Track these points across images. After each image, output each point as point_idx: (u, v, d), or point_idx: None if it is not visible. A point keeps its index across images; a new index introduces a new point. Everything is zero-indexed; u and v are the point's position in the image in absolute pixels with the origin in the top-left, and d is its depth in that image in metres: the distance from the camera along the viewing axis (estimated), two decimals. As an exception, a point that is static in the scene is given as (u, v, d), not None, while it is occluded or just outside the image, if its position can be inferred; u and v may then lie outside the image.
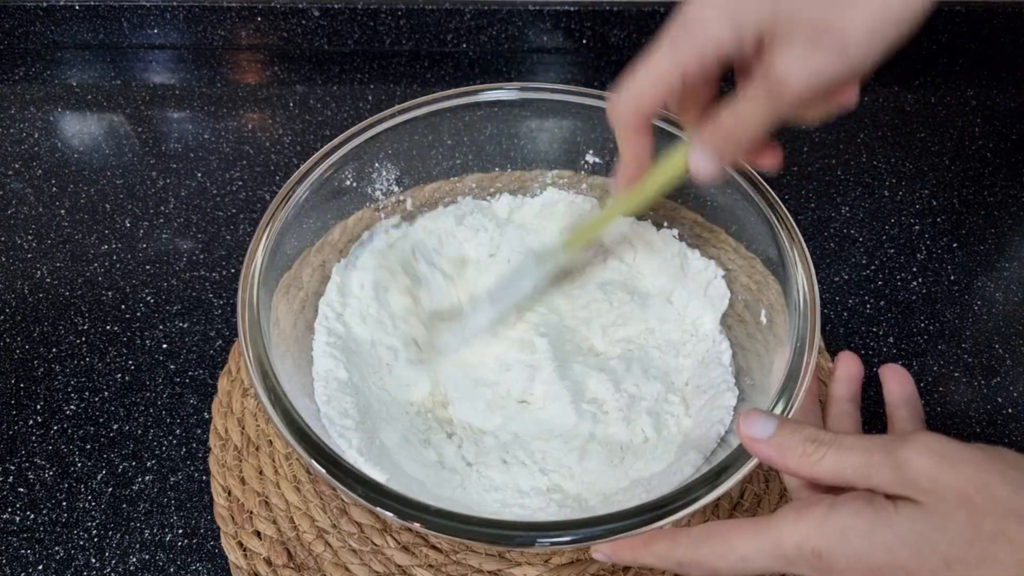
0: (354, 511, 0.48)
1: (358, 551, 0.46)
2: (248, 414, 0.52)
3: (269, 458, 0.50)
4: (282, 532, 0.47)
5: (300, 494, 0.48)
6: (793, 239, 0.44)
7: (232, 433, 0.51)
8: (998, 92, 0.79)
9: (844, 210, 0.68)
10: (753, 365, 0.47)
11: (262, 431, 0.51)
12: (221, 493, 0.49)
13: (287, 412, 0.39)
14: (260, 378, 0.40)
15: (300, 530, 0.47)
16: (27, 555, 0.48)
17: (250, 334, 0.41)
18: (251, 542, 0.47)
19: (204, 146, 0.72)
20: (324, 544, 0.47)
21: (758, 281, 0.49)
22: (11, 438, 0.53)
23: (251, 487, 0.49)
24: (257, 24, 0.79)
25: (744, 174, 0.47)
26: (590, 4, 0.78)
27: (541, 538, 0.34)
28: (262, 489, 0.49)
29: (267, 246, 0.44)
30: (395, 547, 0.46)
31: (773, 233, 0.45)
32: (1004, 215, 0.68)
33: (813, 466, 0.30)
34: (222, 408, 0.53)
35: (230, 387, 0.53)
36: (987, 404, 0.56)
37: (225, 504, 0.49)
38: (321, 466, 0.37)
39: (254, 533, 0.47)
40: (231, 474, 0.50)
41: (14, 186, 0.68)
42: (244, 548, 0.47)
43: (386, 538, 0.47)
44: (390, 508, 0.35)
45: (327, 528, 0.47)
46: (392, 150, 0.51)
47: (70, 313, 0.59)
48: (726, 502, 0.49)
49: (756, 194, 0.46)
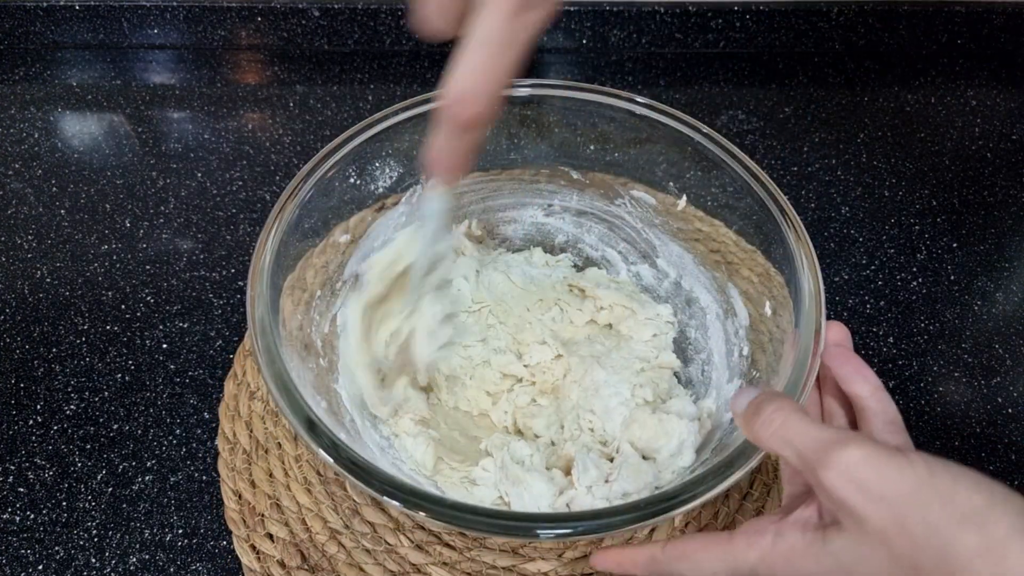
0: (366, 511, 0.48)
1: (372, 551, 0.46)
2: (256, 417, 0.52)
3: (279, 460, 0.50)
4: (294, 534, 0.47)
5: (311, 495, 0.48)
6: (795, 231, 0.44)
7: (240, 436, 0.51)
8: (998, 92, 0.79)
9: (844, 210, 0.68)
10: (759, 356, 0.47)
11: (271, 434, 0.51)
12: (231, 497, 0.49)
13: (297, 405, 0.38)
14: (270, 372, 0.39)
15: (313, 531, 0.47)
16: (27, 555, 0.48)
17: (260, 327, 0.40)
18: (264, 545, 0.47)
19: (204, 146, 0.72)
20: (337, 545, 0.47)
21: (760, 274, 0.49)
22: (11, 438, 0.53)
23: (262, 490, 0.49)
24: (257, 24, 0.79)
25: (744, 166, 0.47)
26: (590, 4, 0.78)
27: (543, 529, 0.34)
28: (273, 492, 0.49)
29: (273, 243, 0.44)
30: (409, 546, 0.46)
31: (774, 224, 0.45)
32: (1004, 215, 0.68)
33: (765, 440, 0.32)
34: (229, 412, 0.52)
35: (236, 391, 0.53)
36: (987, 404, 0.56)
37: (236, 508, 0.48)
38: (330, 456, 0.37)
39: (266, 536, 0.47)
40: (241, 477, 0.49)
41: (14, 186, 0.68)
42: (257, 551, 0.47)
43: (399, 537, 0.47)
44: (397, 498, 0.35)
45: (340, 529, 0.47)
46: (394, 148, 0.51)
47: (70, 313, 0.59)
48: (736, 493, 0.49)
49: (758, 186, 0.46)
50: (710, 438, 0.46)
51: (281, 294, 0.45)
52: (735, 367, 0.49)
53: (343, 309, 0.50)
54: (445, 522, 0.35)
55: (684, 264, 0.54)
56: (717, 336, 0.51)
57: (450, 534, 0.47)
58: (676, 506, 0.35)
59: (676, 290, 0.55)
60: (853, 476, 0.28)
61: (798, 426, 0.31)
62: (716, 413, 0.48)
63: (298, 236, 0.47)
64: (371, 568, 0.46)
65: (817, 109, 0.76)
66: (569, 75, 0.80)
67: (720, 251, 0.52)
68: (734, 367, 0.49)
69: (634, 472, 0.44)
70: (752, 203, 0.47)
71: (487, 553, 0.46)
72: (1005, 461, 0.53)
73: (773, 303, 0.47)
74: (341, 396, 0.48)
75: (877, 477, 0.27)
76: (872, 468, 0.27)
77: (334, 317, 0.51)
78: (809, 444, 0.30)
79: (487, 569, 0.46)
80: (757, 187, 0.47)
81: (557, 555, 0.46)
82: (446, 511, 0.35)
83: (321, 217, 0.49)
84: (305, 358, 0.46)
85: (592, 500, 0.44)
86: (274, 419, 0.52)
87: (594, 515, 0.35)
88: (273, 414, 0.52)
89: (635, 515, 0.35)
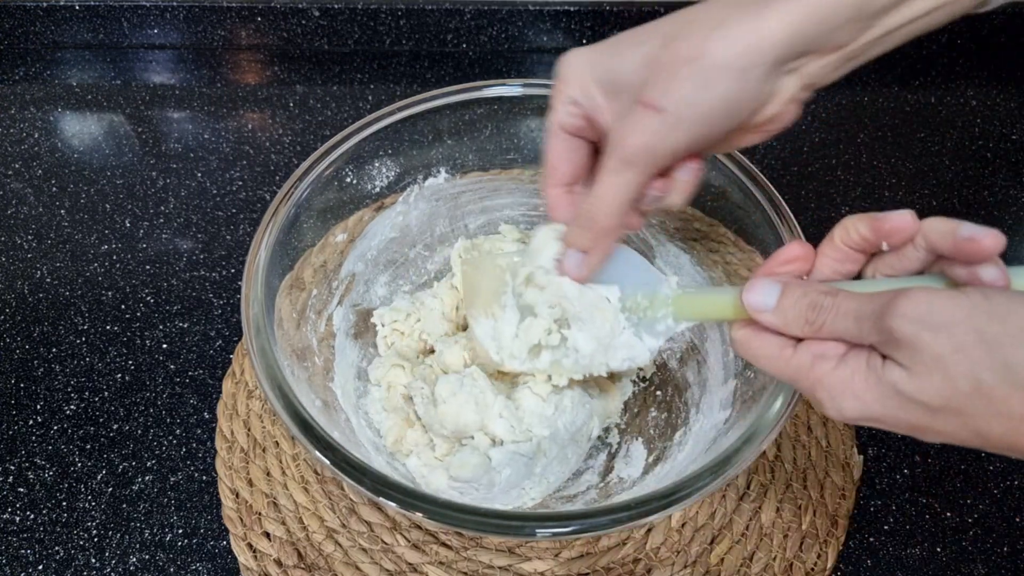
0: (363, 510, 0.48)
1: (368, 550, 0.46)
2: (254, 416, 0.52)
3: (276, 459, 0.50)
4: (291, 533, 0.47)
5: (309, 494, 0.48)
6: (791, 230, 0.44)
7: (238, 435, 0.51)
8: (998, 92, 0.79)
9: (844, 210, 0.68)
10: None
11: (268, 432, 0.51)
12: (229, 495, 0.49)
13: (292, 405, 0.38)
14: (265, 372, 0.39)
15: (310, 530, 0.47)
16: (27, 555, 0.48)
17: (254, 328, 0.40)
18: (261, 543, 0.47)
19: (204, 146, 0.72)
20: (334, 544, 0.47)
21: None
22: (11, 438, 0.53)
23: (259, 488, 0.49)
24: (257, 24, 0.79)
25: (743, 168, 0.47)
26: (590, 4, 0.78)
27: (541, 528, 0.34)
28: (270, 490, 0.49)
29: (268, 243, 0.44)
30: (405, 545, 0.46)
31: (771, 224, 0.45)
32: (1004, 215, 0.68)
33: (816, 333, 0.32)
34: (227, 411, 0.53)
35: (235, 389, 0.53)
36: (987, 404, 0.56)
37: (233, 506, 0.48)
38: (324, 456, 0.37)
39: (263, 534, 0.47)
40: (238, 476, 0.49)
41: (14, 186, 0.68)
42: (254, 549, 0.47)
43: (396, 536, 0.47)
44: (393, 498, 0.35)
45: (337, 528, 0.47)
46: (391, 148, 0.51)
47: (70, 313, 0.59)
48: (733, 492, 0.49)
49: (755, 188, 0.46)
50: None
51: (278, 294, 0.45)
52: (730, 367, 0.49)
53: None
54: (440, 522, 0.35)
55: (681, 264, 0.54)
56: (713, 336, 0.51)
57: (447, 533, 0.47)
58: (672, 503, 0.35)
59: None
60: (917, 314, 0.28)
61: (850, 302, 0.31)
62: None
63: (294, 236, 0.47)
64: (367, 567, 0.46)
65: (817, 109, 0.76)
66: (569, 75, 0.80)
67: (719, 251, 0.52)
68: (729, 367, 0.49)
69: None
70: (749, 203, 0.47)
71: (484, 552, 0.46)
72: (1005, 461, 0.53)
73: None
74: (336, 395, 0.48)
75: (930, 309, 0.28)
76: (926, 304, 0.28)
77: (330, 316, 0.51)
78: (867, 307, 0.30)
79: (484, 568, 0.46)
80: (753, 187, 0.47)
81: (554, 554, 0.46)
82: (441, 510, 0.35)
83: (319, 217, 0.49)
84: (301, 357, 0.46)
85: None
86: (272, 418, 0.52)
87: (590, 514, 0.35)
88: (271, 413, 0.52)
89: (631, 513, 0.35)
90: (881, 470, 0.53)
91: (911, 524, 0.50)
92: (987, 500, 0.51)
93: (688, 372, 0.53)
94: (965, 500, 0.51)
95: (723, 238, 0.52)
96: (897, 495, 0.51)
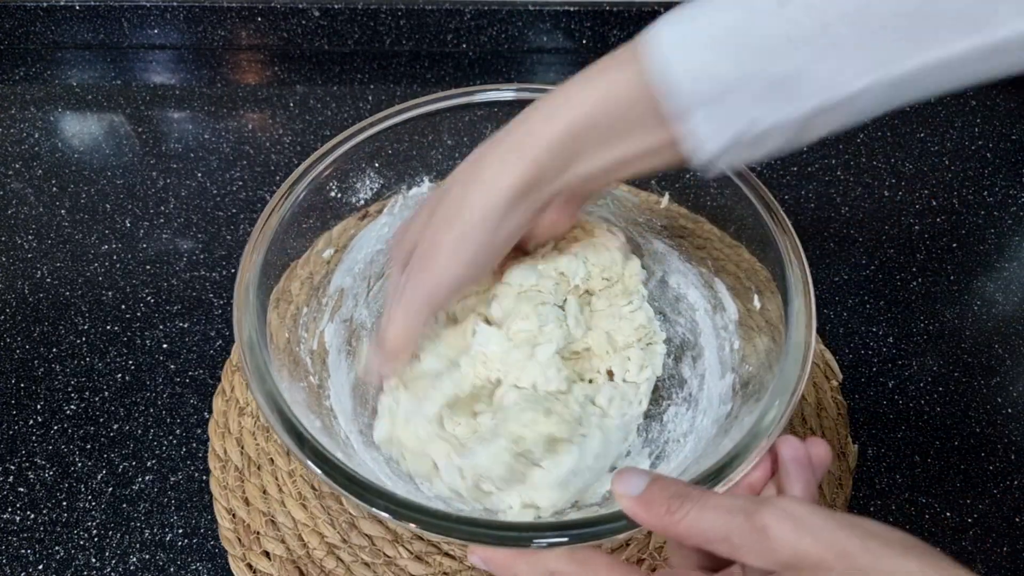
0: (364, 524, 0.47)
1: (371, 564, 0.46)
2: (247, 433, 0.51)
3: (272, 476, 0.49)
4: (291, 551, 0.47)
5: (307, 511, 0.48)
6: (779, 224, 0.44)
7: (232, 454, 0.51)
8: (998, 92, 0.79)
9: (844, 210, 0.68)
10: (749, 351, 0.47)
11: (262, 449, 0.51)
12: (225, 516, 0.48)
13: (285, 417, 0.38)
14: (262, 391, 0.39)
15: (310, 547, 0.47)
16: (27, 555, 0.48)
17: (248, 345, 0.40)
18: (260, 563, 0.46)
19: (204, 146, 0.72)
20: (336, 560, 0.46)
21: (746, 269, 0.49)
22: (11, 438, 0.53)
23: (256, 507, 0.48)
24: (257, 24, 0.79)
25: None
26: (590, 4, 0.78)
27: (537, 538, 0.34)
28: (267, 508, 0.48)
29: (258, 259, 0.43)
30: (408, 557, 0.46)
31: (758, 217, 0.45)
32: (1004, 215, 0.68)
33: (676, 524, 0.30)
34: (219, 429, 0.52)
35: (225, 407, 0.53)
36: (987, 404, 0.56)
37: (230, 527, 0.48)
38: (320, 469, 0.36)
39: (263, 554, 0.47)
40: (234, 495, 0.49)
41: (14, 186, 0.68)
42: (254, 570, 0.46)
43: (398, 549, 0.46)
44: (386, 509, 0.35)
45: (337, 543, 0.47)
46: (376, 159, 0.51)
47: (70, 313, 0.59)
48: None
49: (740, 181, 0.46)
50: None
51: (267, 309, 0.44)
52: (727, 361, 0.49)
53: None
54: (436, 533, 0.34)
55: (669, 261, 0.54)
56: (707, 332, 0.51)
57: (449, 544, 0.47)
58: None
59: (662, 288, 0.55)
60: (791, 512, 0.27)
61: (717, 499, 0.30)
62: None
63: (282, 248, 0.46)
64: (370, 582, 0.45)
65: (817, 109, 0.76)
66: (568, 75, 0.80)
67: (705, 247, 0.52)
68: (725, 361, 0.49)
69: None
70: (735, 198, 0.47)
71: (487, 561, 0.46)
72: (1005, 461, 0.53)
73: (761, 297, 0.47)
74: (335, 412, 0.47)
75: (812, 514, 0.27)
76: (806, 508, 0.28)
77: (322, 333, 0.50)
78: (738, 504, 0.29)
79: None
80: (739, 182, 0.46)
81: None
82: (436, 521, 0.34)
83: (305, 228, 0.48)
84: (295, 376, 0.45)
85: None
86: (265, 434, 0.51)
87: (589, 523, 0.34)
88: (264, 429, 0.51)
89: (628, 523, 0.34)
90: (881, 470, 0.53)
91: (911, 524, 0.50)
92: (987, 500, 0.51)
93: (684, 368, 0.53)
94: (965, 500, 0.51)
95: (709, 234, 0.51)
96: (897, 495, 0.52)
